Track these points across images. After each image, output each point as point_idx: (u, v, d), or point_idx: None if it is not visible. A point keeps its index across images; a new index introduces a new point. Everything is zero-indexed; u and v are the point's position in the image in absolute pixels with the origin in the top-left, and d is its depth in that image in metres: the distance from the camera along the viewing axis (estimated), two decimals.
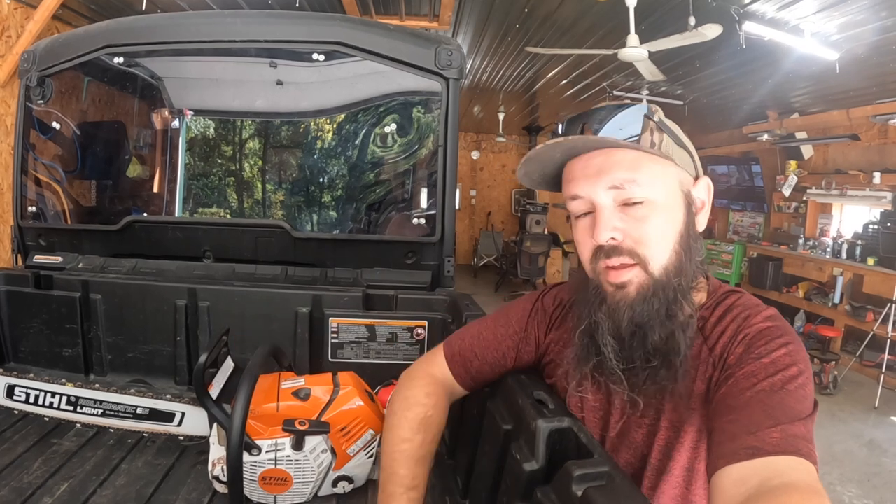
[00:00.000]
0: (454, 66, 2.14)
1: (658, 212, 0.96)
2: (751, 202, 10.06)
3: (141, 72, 2.33)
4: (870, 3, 3.89)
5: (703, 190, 1.05)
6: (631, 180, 0.96)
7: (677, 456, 1.00)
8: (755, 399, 0.85)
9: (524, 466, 1.03)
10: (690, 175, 1.03)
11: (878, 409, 5.97)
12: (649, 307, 0.97)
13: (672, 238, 0.97)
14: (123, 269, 2.27)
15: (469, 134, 13.68)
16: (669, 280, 0.97)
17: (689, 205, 1.01)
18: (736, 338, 0.96)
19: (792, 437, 0.79)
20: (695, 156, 1.05)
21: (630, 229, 0.97)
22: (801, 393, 0.86)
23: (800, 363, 0.89)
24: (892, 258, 6.63)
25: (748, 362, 0.90)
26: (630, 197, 0.96)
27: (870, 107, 6.64)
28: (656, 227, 0.96)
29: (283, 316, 2.04)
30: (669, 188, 0.98)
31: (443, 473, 1.61)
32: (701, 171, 1.06)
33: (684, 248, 0.98)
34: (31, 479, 1.47)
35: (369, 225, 2.35)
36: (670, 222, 0.97)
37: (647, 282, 0.97)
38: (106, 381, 2.04)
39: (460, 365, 1.30)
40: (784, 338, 0.92)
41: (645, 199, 0.96)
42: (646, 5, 4.10)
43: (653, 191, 0.96)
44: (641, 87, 7.09)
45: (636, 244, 0.96)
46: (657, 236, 0.96)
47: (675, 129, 1.02)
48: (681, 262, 0.98)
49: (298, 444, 1.38)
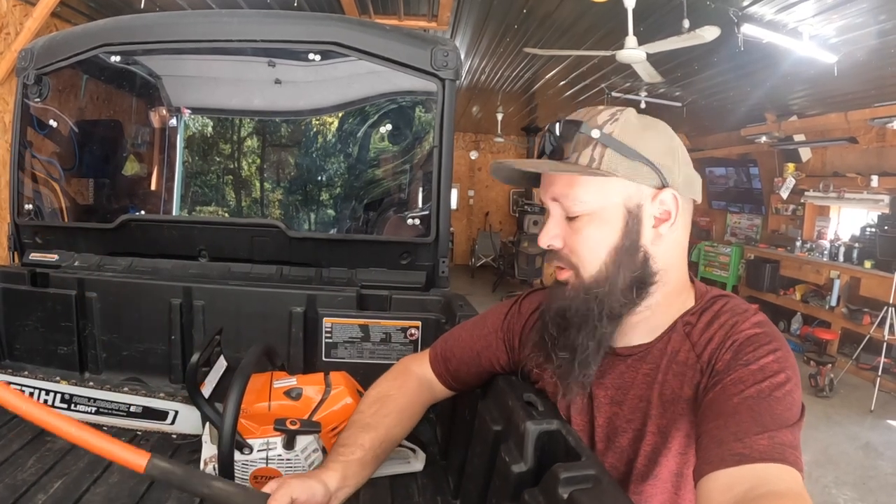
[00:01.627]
0: (450, 67, 2.14)
1: (593, 226, 1.01)
2: (748, 204, 10.08)
3: (139, 70, 2.34)
4: (868, 7, 3.90)
5: (669, 202, 1.01)
6: (565, 195, 1.03)
7: (664, 461, 1.01)
8: (743, 405, 0.86)
9: (513, 468, 1.04)
10: (650, 186, 1.00)
11: (874, 412, 5.98)
12: (576, 307, 1.03)
13: (604, 251, 1.01)
14: (119, 267, 2.27)
15: (467, 134, 13.69)
16: (596, 289, 1.02)
17: (632, 218, 1.01)
18: (724, 344, 0.96)
19: (779, 445, 0.79)
20: (662, 167, 1.00)
21: (567, 238, 1.04)
22: (789, 400, 0.86)
23: (788, 370, 0.90)
24: (889, 261, 6.62)
25: (736, 369, 0.91)
26: (567, 211, 1.03)
27: (868, 110, 6.64)
28: (587, 240, 1.02)
29: (278, 315, 2.04)
30: (608, 203, 1.00)
31: (435, 474, 1.62)
32: (676, 179, 1.01)
33: (616, 262, 1.01)
34: (25, 477, 1.47)
35: (364, 225, 2.36)
36: (604, 236, 1.01)
37: (578, 284, 1.04)
38: (100, 378, 2.05)
39: (441, 364, 1.37)
40: (772, 344, 0.93)
41: (581, 213, 1.02)
42: (644, 7, 4.09)
43: (587, 206, 1.01)
44: (640, 88, 7.09)
45: (570, 253, 1.04)
46: (587, 248, 1.02)
47: (630, 141, 1.00)
48: (609, 274, 1.01)
49: (290, 444, 1.38)
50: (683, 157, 1.04)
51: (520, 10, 4.74)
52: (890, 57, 4.85)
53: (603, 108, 1.04)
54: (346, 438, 1.20)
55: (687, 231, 1.07)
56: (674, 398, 1.00)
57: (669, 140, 1.03)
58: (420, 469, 1.64)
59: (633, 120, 1.02)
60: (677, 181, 1.01)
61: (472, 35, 5.57)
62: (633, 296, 1.02)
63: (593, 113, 1.03)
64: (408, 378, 1.38)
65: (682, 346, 1.02)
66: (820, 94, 6.60)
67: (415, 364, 1.42)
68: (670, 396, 1.01)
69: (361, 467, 1.16)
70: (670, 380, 1.01)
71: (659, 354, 1.04)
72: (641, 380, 1.05)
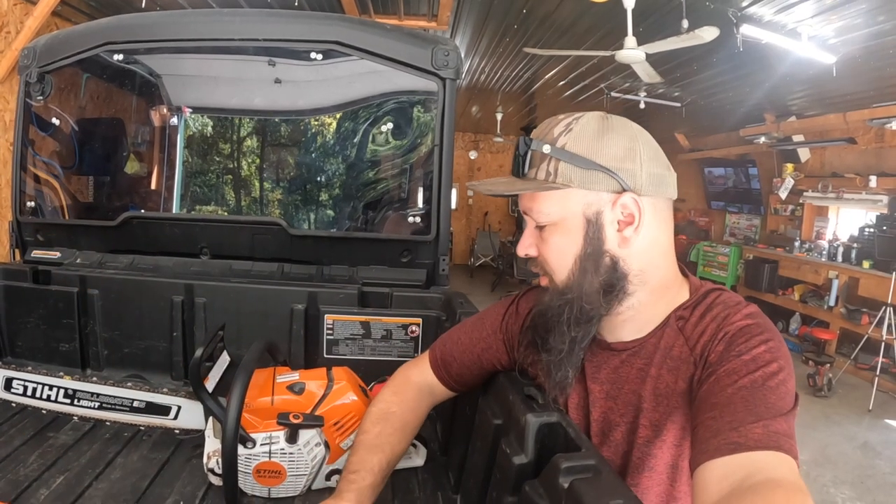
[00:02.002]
0: (451, 67, 2.15)
1: (557, 235, 1.06)
2: (747, 204, 10.09)
3: (140, 69, 2.34)
4: (867, 7, 3.92)
5: (630, 205, 1.01)
6: (531, 208, 1.08)
7: (659, 454, 1.03)
8: (737, 395, 0.87)
9: (514, 460, 1.05)
10: (609, 192, 1.01)
11: (872, 411, 6.00)
12: (551, 311, 1.07)
13: (570, 259, 1.05)
14: (121, 264, 2.28)
15: (467, 134, 13.71)
16: (567, 294, 1.05)
17: (592, 226, 1.03)
18: (717, 336, 0.97)
19: (773, 433, 0.80)
20: (620, 171, 1.00)
21: (539, 247, 1.10)
22: (783, 389, 0.87)
23: (780, 359, 0.91)
24: (887, 261, 6.64)
25: (729, 360, 0.92)
26: (536, 222, 1.09)
27: (866, 110, 6.66)
28: (553, 249, 1.07)
29: (279, 312, 2.05)
30: (567, 213, 1.04)
31: (435, 469, 1.63)
32: (639, 181, 1.01)
33: (581, 268, 1.04)
34: (27, 472, 1.48)
35: (365, 223, 2.37)
36: (568, 245, 1.05)
37: (554, 290, 1.09)
38: (102, 375, 2.05)
39: (442, 369, 1.40)
40: (764, 335, 0.94)
41: (547, 223, 1.07)
42: (644, 7, 4.11)
43: (550, 217, 1.05)
44: (639, 88, 7.11)
45: (543, 260, 1.10)
46: (554, 257, 1.07)
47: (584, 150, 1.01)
48: (577, 280, 1.04)
49: (293, 438, 1.39)
50: (648, 156, 1.02)
51: (519, 10, 4.76)
52: (888, 58, 4.87)
53: (562, 118, 1.07)
54: (355, 464, 1.23)
55: (666, 229, 1.06)
56: (668, 392, 1.02)
57: (628, 141, 1.02)
58: (421, 464, 1.65)
59: (591, 126, 1.03)
60: (640, 182, 1.00)
61: (472, 35, 5.59)
62: (606, 298, 1.04)
63: (551, 125, 1.07)
64: (408, 389, 1.41)
65: (675, 341, 1.03)
66: (819, 94, 6.62)
67: (414, 372, 1.44)
68: (665, 391, 1.02)
69: (373, 491, 1.21)
70: (664, 374, 1.03)
71: (652, 349, 1.06)
72: (635, 374, 1.07)
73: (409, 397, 1.39)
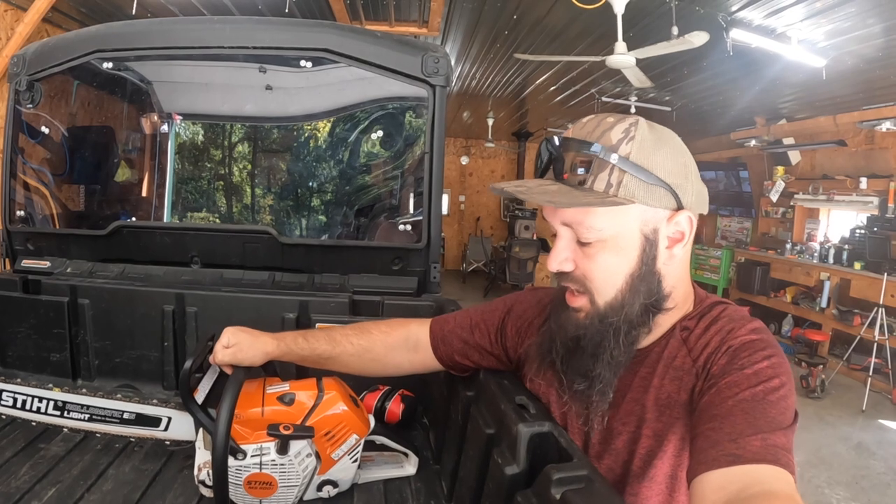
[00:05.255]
0: (441, 74, 2.15)
1: (608, 253, 0.98)
2: (738, 207, 10.15)
3: (131, 76, 2.34)
4: (857, 11, 3.94)
5: (684, 223, 0.99)
6: (579, 222, 0.98)
7: (659, 464, 1.02)
8: (737, 408, 0.87)
9: (506, 470, 1.05)
10: (666, 209, 0.98)
11: (866, 412, 6.03)
12: (591, 335, 1.02)
13: (620, 278, 0.99)
14: (111, 273, 2.27)
15: (458, 139, 13.71)
16: (611, 317, 1.00)
17: (649, 244, 0.99)
18: (720, 349, 0.97)
19: (772, 447, 0.80)
20: (677, 188, 0.97)
21: (580, 262, 1.01)
22: (783, 404, 0.88)
23: (782, 375, 0.91)
24: (878, 262, 6.69)
25: (731, 373, 0.92)
26: (580, 237, 0.99)
27: (856, 113, 6.71)
28: (603, 267, 0.99)
29: (270, 321, 2.03)
30: (624, 229, 0.98)
31: (428, 478, 1.62)
32: (691, 199, 0.99)
33: (632, 289, 0.99)
34: (18, 484, 1.47)
35: (356, 231, 2.36)
36: (620, 263, 0.99)
37: (594, 312, 1.02)
38: (93, 385, 2.04)
39: (437, 323, 1.45)
40: (767, 350, 0.94)
41: (595, 239, 0.98)
42: (634, 13, 4.13)
43: (602, 233, 0.97)
44: (630, 93, 7.13)
45: (584, 278, 1.01)
46: (603, 275, 1.00)
47: (647, 163, 0.96)
48: (625, 301, 1.00)
49: (283, 449, 1.38)
50: (694, 172, 1.01)
51: (510, 16, 4.77)
52: (878, 60, 4.90)
53: (613, 121, 0.98)
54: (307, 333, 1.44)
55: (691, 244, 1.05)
56: (670, 402, 1.01)
57: (682, 156, 1.00)
58: (413, 473, 1.64)
59: (648, 136, 0.97)
60: (690, 199, 0.99)
61: (463, 41, 5.60)
62: (647, 317, 1.02)
63: (605, 128, 0.97)
64: (398, 329, 1.47)
65: (678, 352, 1.03)
66: (809, 97, 6.66)
67: (415, 322, 1.49)
68: (666, 401, 1.02)
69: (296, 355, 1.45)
70: (667, 384, 1.02)
71: (656, 358, 1.05)
72: (638, 383, 1.06)
73: (391, 329, 1.47)
